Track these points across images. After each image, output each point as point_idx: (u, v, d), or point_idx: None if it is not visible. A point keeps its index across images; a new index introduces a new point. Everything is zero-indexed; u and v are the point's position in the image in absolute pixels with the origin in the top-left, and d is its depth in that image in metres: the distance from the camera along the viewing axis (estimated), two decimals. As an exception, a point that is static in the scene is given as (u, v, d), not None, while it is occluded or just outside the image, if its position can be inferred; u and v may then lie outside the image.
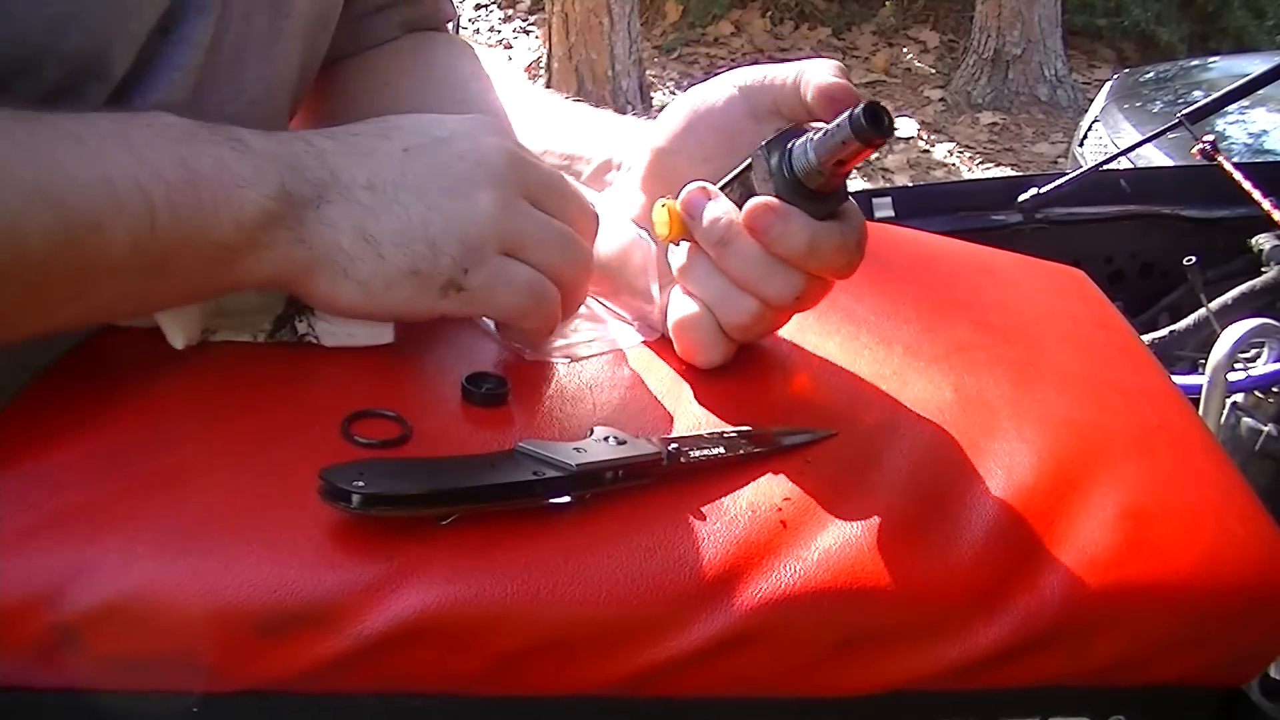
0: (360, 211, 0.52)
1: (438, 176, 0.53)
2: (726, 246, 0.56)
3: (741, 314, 0.57)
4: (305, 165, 0.52)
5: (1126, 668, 0.51)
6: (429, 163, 0.54)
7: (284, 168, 0.52)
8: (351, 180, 0.53)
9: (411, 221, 0.52)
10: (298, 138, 0.54)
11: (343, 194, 0.52)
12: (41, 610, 0.44)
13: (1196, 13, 6.48)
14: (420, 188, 0.53)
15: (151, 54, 0.57)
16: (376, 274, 0.52)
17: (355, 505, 0.45)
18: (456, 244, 0.53)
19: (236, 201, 0.50)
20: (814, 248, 0.55)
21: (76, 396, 0.53)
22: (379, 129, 0.55)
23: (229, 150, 0.51)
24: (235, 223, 0.50)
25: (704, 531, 0.49)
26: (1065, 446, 0.58)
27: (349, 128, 0.56)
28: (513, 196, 0.54)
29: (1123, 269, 1.78)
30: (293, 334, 0.57)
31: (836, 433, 0.57)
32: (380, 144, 0.54)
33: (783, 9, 6.49)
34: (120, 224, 0.48)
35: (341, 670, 0.45)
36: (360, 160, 0.53)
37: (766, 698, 0.49)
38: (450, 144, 0.54)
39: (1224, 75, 3.14)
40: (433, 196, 0.53)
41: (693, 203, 0.57)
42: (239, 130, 0.52)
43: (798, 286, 0.56)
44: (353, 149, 0.54)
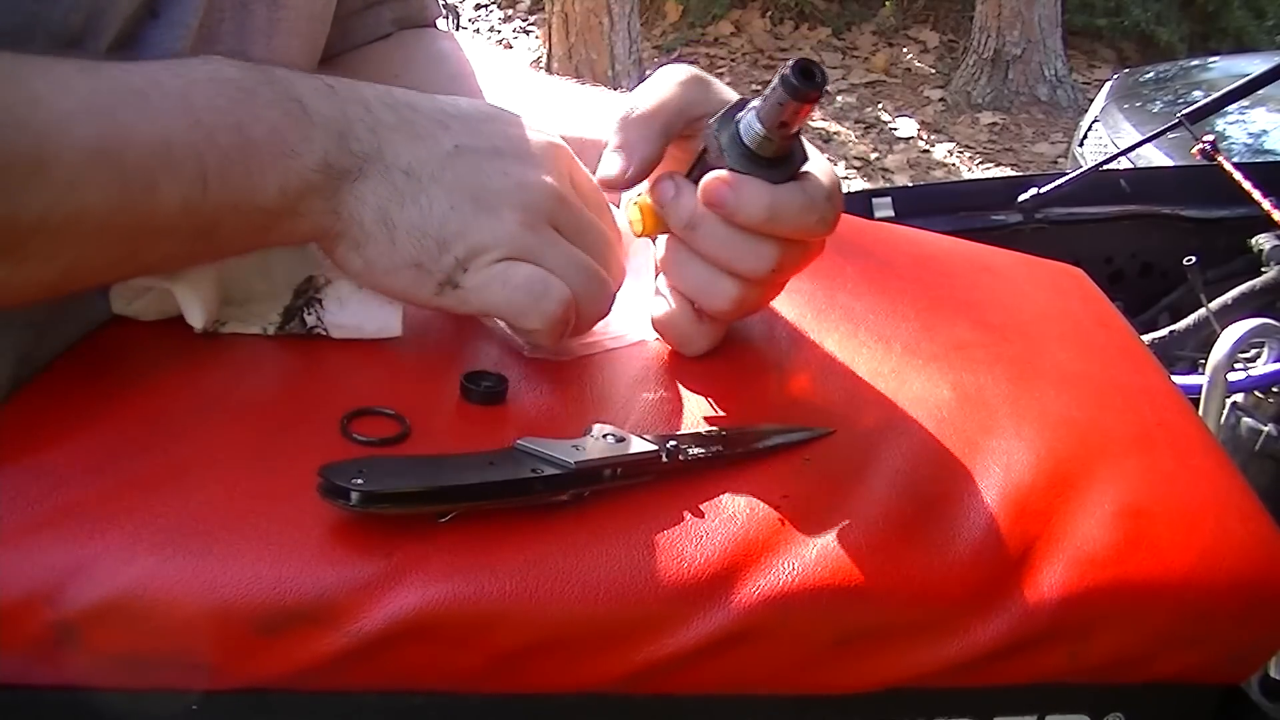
0: (390, 193, 0.53)
1: (474, 185, 0.54)
2: (696, 229, 0.56)
3: (724, 295, 0.57)
4: (356, 135, 0.53)
5: (1125, 665, 0.51)
6: (471, 169, 0.54)
7: (334, 136, 0.52)
8: (394, 160, 0.53)
9: (431, 217, 0.53)
10: (359, 100, 0.54)
11: (381, 172, 0.53)
12: (41, 608, 0.44)
13: (1196, 13, 6.48)
14: (453, 189, 0.54)
15: (139, 35, 0.57)
16: (382, 257, 0.54)
17: (354, 503, 0.45)
18: (464, 248, 0.53)
19: (282, 170, 0.51)
20: (775, 211, 0.55)
21: (76, 393, 0.53)
22: (440, 115, 0.56)
23: (282, 115, 0.52)
24: (280, 190, 0.51)
25: (702, 529, 0.49)
26: (1064, 445, 0.58)
27: (413, 99, 0.56)
28: (539, 223, 0.55)
29: (1123, 269, 1.78)
30: (301, 326, 0.57)
31: (835, 431, 0.57)
32: (435, 132, 0.55)
33: (783, 9, 6.49)
34: (174, 187, 0.49)
35: (341, 668, 0.45)
36: (409, 143, 0.54)
37: (765, 695, 0.49)
38: (500, 159, 0.55)
39: (1224, 75, 3.14)
40: (460, 200, 0.54)
41: (661, 193, 0.57)
42: (301, 85, 0.53)
43: (772, 257, 0.56)
44: (408, 128, 0.54)
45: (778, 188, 0.55)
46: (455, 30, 0.90)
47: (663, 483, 0.51)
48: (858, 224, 0.82)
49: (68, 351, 0.55)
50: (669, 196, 0.57)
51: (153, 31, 0.58)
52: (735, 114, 0.56)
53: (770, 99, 0.53)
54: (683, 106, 0.60)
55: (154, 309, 0.56)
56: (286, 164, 0.51)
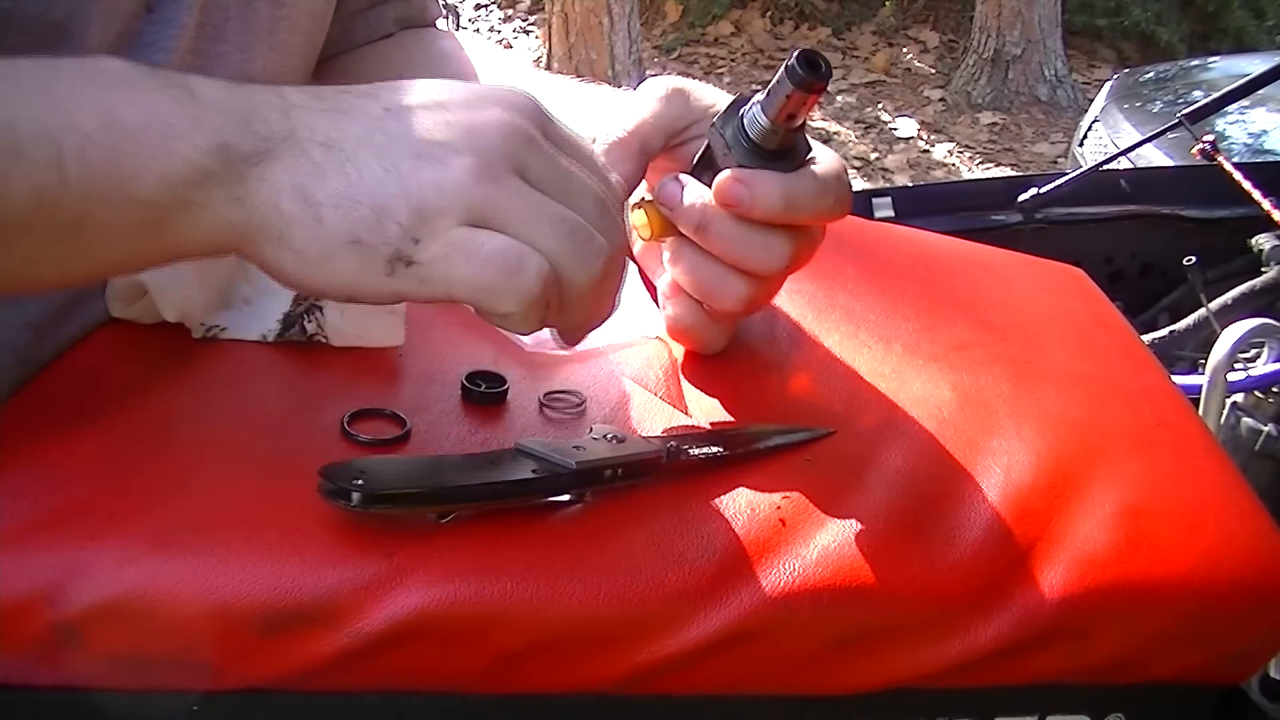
0: (308, 169, 0.45)
1: (410, 138, 0.46)
2: (708, 229, 0.55)
3: (736, 294, 0.57)
4: (262, 118, 0.46)
5: (1125, 665, 0.51)
6: (406, 124, 0.46)
7: (231, 119, 0.46)
8: (309, 136, 0.46)
9: (361, 183, 0.45)
10: (271, 90, 0.48)
11: (294, 149, 0.45)
12: (41, 608, 0.44)
13: (1196, 13, 6.48)
14: (384, 148, 0.46)
15: (134, 32, 0.57)
16: (312, 241, 0.45)
17: (355, 503, 0.45)
18: (407, 210, 0.45)
19: (164, 155, 0.45)
20: (791, 200, 0.54)
21: (76, 394, 0.53)
22: (375, 88, 0.49)
23: (168, 99, 0.45)
24: (161, 177, 0.44)
25: (703, 530, 0.49)
26: (1064, 445, 0.58)
27: (349, 87, 0.49)
28: (499, 170, 0.46)
29: (1123, 269, 1.78)
30: (302, 333, 0.57)
31: (835, 431, 0.57)
32: (365, 103, 0.48)
33: (783, 9, 6.49)
34: (20, 174, 0.43)
35: (341, 668, 0.45)
36: (331, 118, 0.47)
37: (766, 695, 0.49)
38: (444, 109, 0.47)
39: (1224, 75, 3.13)
40: (395, 158, 0.45)
41: (667, 195, 0.57)
42: (195, 80, 0.47)
43: (786, 249, 0.56)
44: (332, 106, 0.47)
45: (789, 176, 0.55)
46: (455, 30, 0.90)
47: (663, 483, 0.51)
48: (858, 224, 0.82)
49: (67, 352, 0.55)
50: (676, 198, 0.56)
51: (148, 28, 0.57)
52: (738, 111, 0.56)
53: (776, 91, 0.53)
54: (660, 124, 0.59)
55: (152, 313, 0.56)
56: (169, 147, 0.44)
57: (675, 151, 0.60)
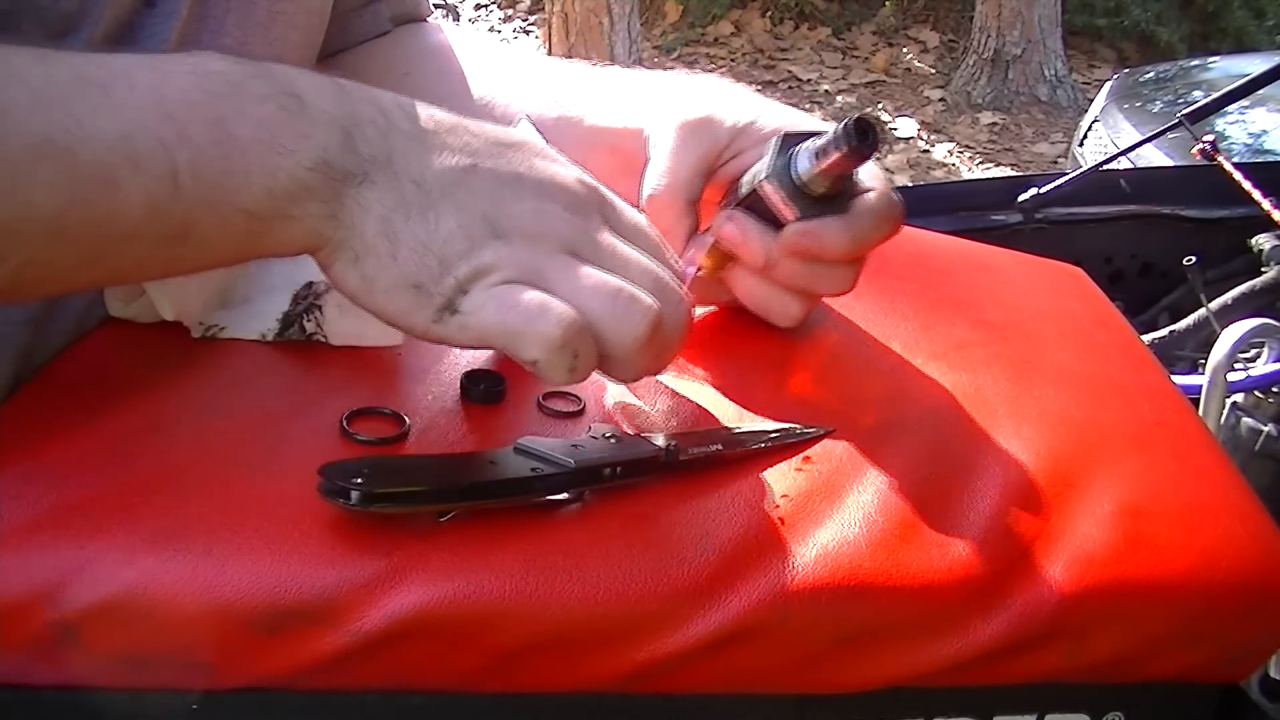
0: (396, 203, 0.48)
1: (487, 206, 0.49)
2: (776, 268, 0.60)
3: (793, 311, 0.62)
4: (365, 136, 0.48)
5: (1124, 664, 0.51)
6: (487, 190, 0.49)
7: (335, 134, 0.48)
8: (404, 169, 0.48)
9: (437, 233, 0.48)
10: (370, 100, 0.49)
11: (390, 179, 0.48)
12: (41, 607, 0.44)
13: (1196, 13, 6.48)
14: (464, 207, 0.49)
15: (135, 24, 0.57)
16: (382, 274, 0.48)
17: (354, 502, 0.45)
18: (468, 269, 0.48)
19: (271, 169, 0.46)
20: (856, 240, 0.59)
21: (76, 393, 0.53)
22: (463, 132, 0.51)
23: (276, 109, 0.47)
24: (267, 191, 0.47)
25: (702, 528, 0.49)
26: (1063, 444, 0.58)
27: (437, 113, 0.51)
28: (555, 251, 0.50)
29: (1123, 269, 1.78)
30: (301, 333, 0.57)
31: (834, 430, 0.57)
32: (454, 148, 0.50)
33: (783, 9, 6.49)
34: (138, 185, 0.45)
35: (341, 667, 0.45)
36: (423, 154, 0.49)
37: (765, 694, 0.49)
38: (519, 185, 0.50)
39: (1224, 75, 3.13)
40: (470, 220, 0.49)
41: (728, 236, 0.60)
42: (302, 80, 0.48)
43: (851, 276, 0.61)
44: (425, 138, 0.49)
45: (851, 217, 0.58)
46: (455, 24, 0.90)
47: (663, 482, 0.51)
48: (857, 224, 0.82)
49: (67, 351, 0.55)
50: (737, 238, 0.60)
51: (149, 20, 0.57)
52: (787, 153, 0.58)
53: (825, 153, 0.56)
54: (699, 167, 0.62)
55: (150, 312, 0.56)
56: (276, 162, 0.46)
57: (716, 177, 0.63)
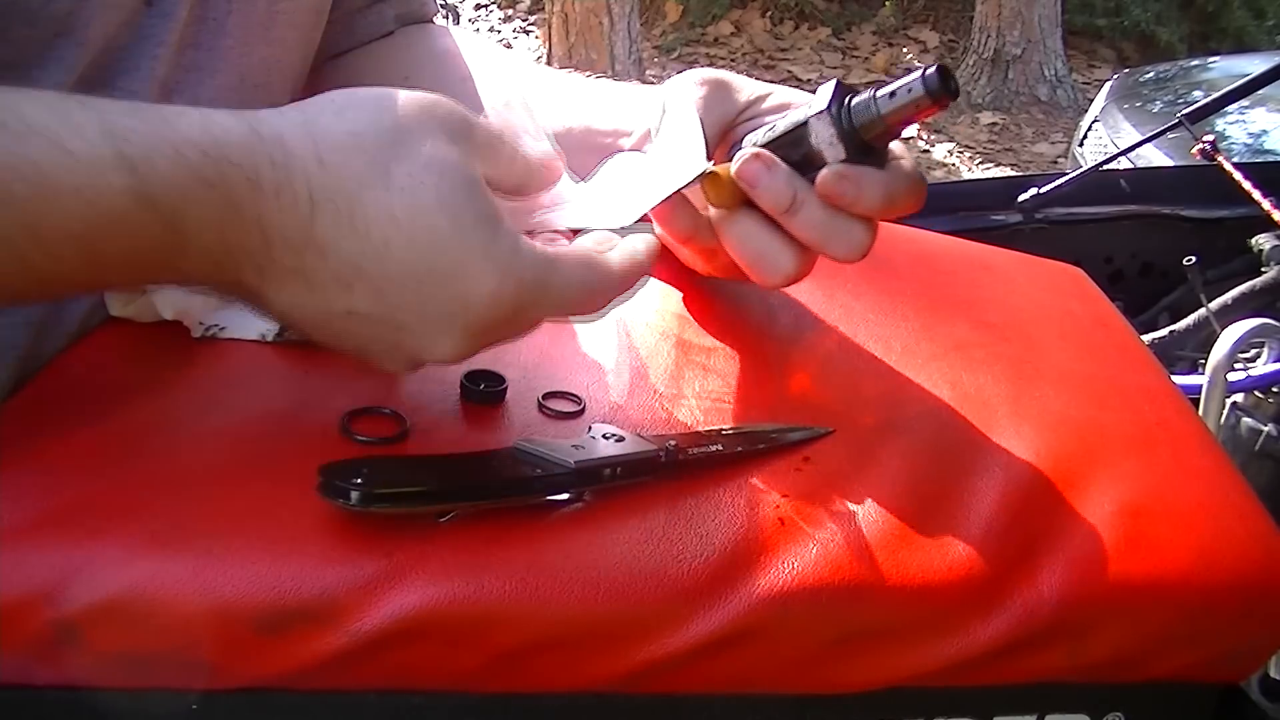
0: (284, 320, 0.51)
1: (357, 349, 0.50)
2: (797, 212, 0.57)
3: (786, 268, 0.59)
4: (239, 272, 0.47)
5: (1124, 664, 0.51)
6: (358, 335, 0.49)
7: (209, 268, 0.47)
8: (275, 300, 0.48)
9: (345, 347, 0.50)
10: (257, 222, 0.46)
11: (263, 305, 0.49)
12: (41, 607, 0.44)
13: (1196, 13, 6.48)
14: (343, 338, 0.50)
15: (133, 25, 0.57)
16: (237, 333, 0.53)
17: (354, 502, 0.45)
18: (385, 362, 0.51)
19: (141, 279, 0.50)
20: (890, 198, 0.57)
21: (76, 393, 0.53)
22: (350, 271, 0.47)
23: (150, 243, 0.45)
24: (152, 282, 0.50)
25: (702, 529, 0.49)
26: (1063, 444, 0.58)
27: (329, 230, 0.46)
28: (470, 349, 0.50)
29: (1123, 269, 1.78)
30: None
31: (834, 430, 0.57)
32: (333, 290, 0.47)
33: (783, 9, 6.49)
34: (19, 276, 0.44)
35: (341, 667, 0.45)
36: (298, 292, 0.48)
37: (765, 694, 0.49)
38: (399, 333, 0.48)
39: (1224, 75, 3.13)
40: (360, 345, 0.50)
41: (753, 172, 0.57)
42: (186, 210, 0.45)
43: (867, 239, 0.58)
44: (304, 278, 0.47)
45: (890, 175, 0.57)
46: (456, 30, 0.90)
47: (662, 482, 0.51)
48: (857, 224, 0.82)
49: (67, 351, 0.55)
50: (764, 177, 0.57)
51: (147, 20, 0.57)
52: (843, 101, 0.57)
53: (902, 95, 0.55)
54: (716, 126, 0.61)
55: (150, 311, 0.56)
56: (145, 277, 0.49)
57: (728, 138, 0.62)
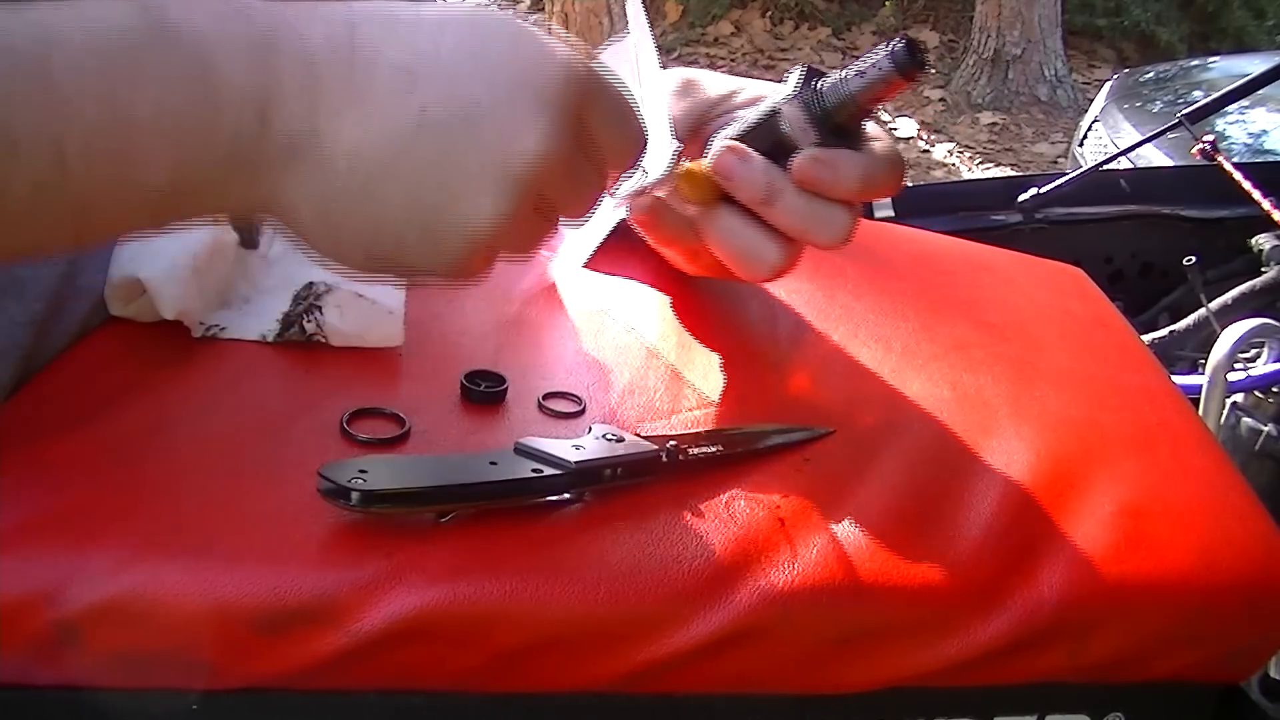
0: (329, 189, 0.43)
1: (438, 174, 0.43)
2: (775, 202, 0.55)
3: (773, 260, 0.57)
4: (286, 108, 0.42)
5: (1124, 664, 0.51)
6: (437, 150, 0.43)
7: (249, 112, 0.42)
8: (334, 145, 0.42)
9: (384, 219, 0.44)
10: (300, 55, 0.42)
11: (317, 159, 0.43)
12: (41, 607, 0.44)
13: (1196, 13, 6.48)
14: (412, 181, 0.43)
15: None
16: (334, 252, 0.45)
17: (355, 502, 0.45)
18: (426, 258, 0.45)
19: (174, 159, 0.41)
20: (868, 179, 0.56)
21: (76, 393, 0.53)
22: (407, 66, 0.43)
23: (179, 88, 0.41)
24: (171, 175, 0.42)
25: (702, 529, 0.49)
26: (1063, 444, 0.58)
27: (378, 44, 0.43)
28: (523, 211, 0.45)
29: (1123, 269, 1.78)
30: (301, 334, 0.57)
31: (834, 431, 0.57)
32: (395, 96, 0.43)
33: (783, 9, 6.49)
34: (18, 171, 0.40)
35: (341, 667, 0.45)
36: (358, 115, 0.43)
37: (766, 694, 0.49)
38: (478, 127, 0.43)
39: (1224, 75, 3.13)
40: (421, 195, 0.44)
41: (728, 165, 0.56)
42: (219, 40, 0.41)
43: (849, 223, 0.56)
44: (358, 96, 0.43)
45: (865, 156, 0.56)
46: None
47: (662, 483, 0.51)
48: (858, 224, 0.82)
49: (68, 352, 0.55)
50: (739, 169, 0.56)
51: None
52: (811, 85, 0.56)
53: (871, 73, 0.54)
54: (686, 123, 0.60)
55: (150, 311, 0.56)
56: (179, 152, 0.41)
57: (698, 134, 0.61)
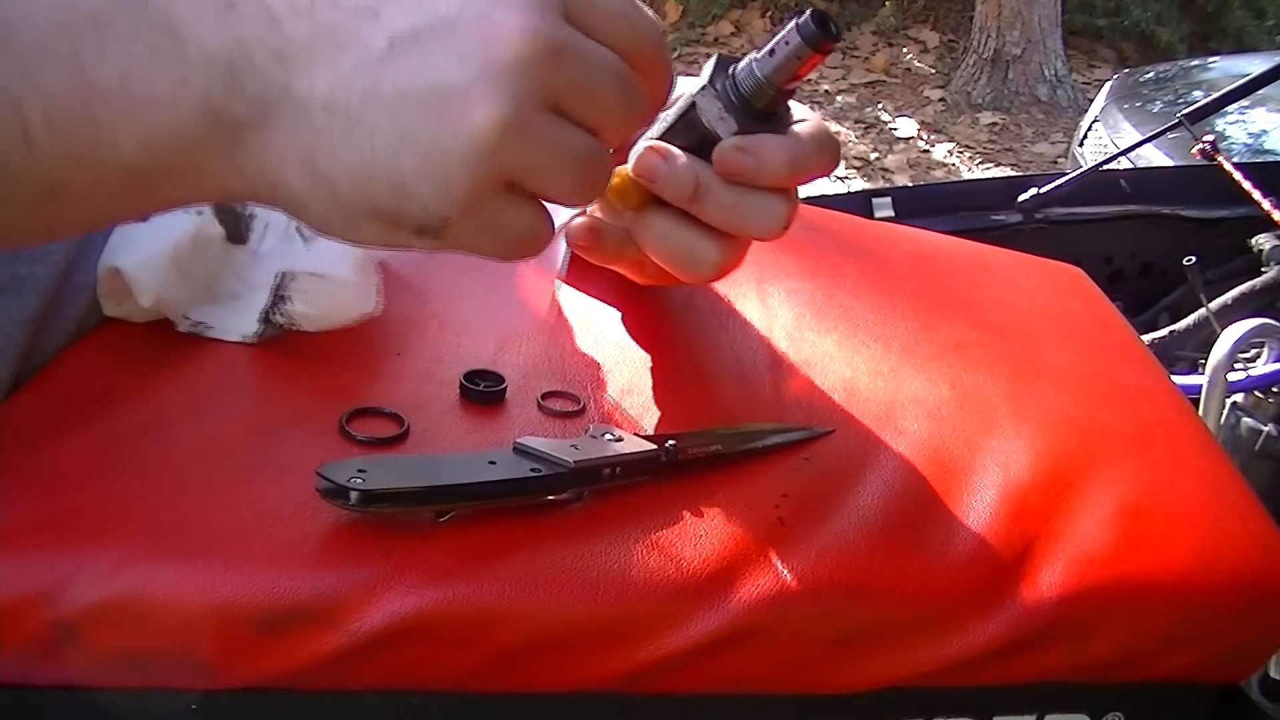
0: (312, 139, 0.40)
1: (423, 87, 0.40)
2: (704, 198, 0.53)
3: (713, 258, 0.54)
4: (253, 68, 0.40)
5: (1124, 664, 0.51)
6: (416, 66, 0.40)
7: (218, 74, 0.40)
8: (309, 93, 0.40)
9: (376, 155, 0.40)
10: (262, 18, 0.40)
11: (294, 112, 0.40)
12: (40, 607, 0.44)
13: (1196, 13, 6.48)
14: (396, 103, 0.40)
15: None
16: (333, 213, 0.42)
17: (353, 502, 0.45)
18: (430, 188, 0.41)
19: (143, 122, 0.39)
20: (795, 163, 0.53)
21: (75, 393, 0.53)
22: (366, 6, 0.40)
23: (145, 48, 0.39)
24: (143, 147, 0.40)
25: (702, 529, 0.49)
26: (1063, 444, 0.58)
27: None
28: (526, 111, 0.41)
29: (1123, 269, 1.78)
30: (273, 327, 0.57)
31: (834, 430, 0.57)
32: (362, 30, 0.40)
33: (783, 9, 6.49)
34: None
35: (340, 667, 0.45)
36: (328, 59, 0.40)
37: (765, 694, 0.49)
38: (454, 32, 0.40)
39: (1224, 75, 3.13)
40: (410, 118, 0.40)
41: (650, 166, 0.53)
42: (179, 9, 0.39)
43: (785, 211, 0.53)
44: (325, 37, 0.40)
45: (791, 139, 0.53)
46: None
47: (662, 482, 0.51)
48: (858, 224, 0.82)
49: (66, 352, 0.55)
50: (657, 168, 0.52)
51: None
52: (726, 72, 0.53)
53: (781, 50, 0.51)
54: None
55: (141, 311, 0.56)
56: (149, 115, 0.39)
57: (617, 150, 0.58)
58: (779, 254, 0.72)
